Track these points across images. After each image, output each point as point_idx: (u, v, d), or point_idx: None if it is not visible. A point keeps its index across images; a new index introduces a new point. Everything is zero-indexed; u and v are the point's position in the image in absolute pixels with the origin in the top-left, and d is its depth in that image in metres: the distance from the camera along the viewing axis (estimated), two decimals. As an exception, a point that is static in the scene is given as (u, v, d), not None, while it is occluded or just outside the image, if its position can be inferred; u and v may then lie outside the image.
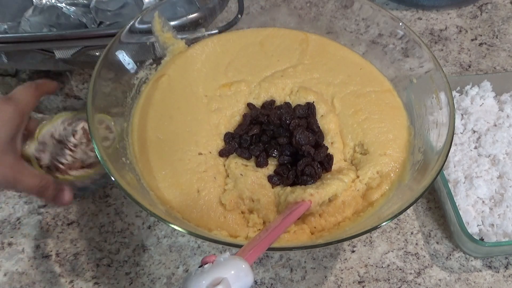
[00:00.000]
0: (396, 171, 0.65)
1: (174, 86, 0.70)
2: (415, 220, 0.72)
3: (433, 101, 0.67)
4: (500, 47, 0.95)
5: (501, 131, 0.76)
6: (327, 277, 0.67)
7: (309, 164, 0.62)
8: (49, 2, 0.78)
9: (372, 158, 0.65)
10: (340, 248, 0.69)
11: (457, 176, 0.72)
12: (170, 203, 0.61)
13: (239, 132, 0.66)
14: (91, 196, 0.72)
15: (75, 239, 0.69)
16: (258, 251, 0.48)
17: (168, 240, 0.69)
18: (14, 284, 0.65)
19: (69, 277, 0.66)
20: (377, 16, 0.74)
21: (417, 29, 0.96)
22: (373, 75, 0.75)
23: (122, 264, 0.67)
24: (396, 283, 0.67)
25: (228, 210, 0.61)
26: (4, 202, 0.71)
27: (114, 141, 0.62)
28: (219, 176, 0.63)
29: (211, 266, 0.41)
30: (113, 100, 0.65)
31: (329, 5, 0.77)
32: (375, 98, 0.71)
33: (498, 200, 0.71)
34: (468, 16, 1.00)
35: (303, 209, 0.58)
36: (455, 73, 0.90)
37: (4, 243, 0.68)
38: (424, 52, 0.70)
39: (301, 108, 0.67)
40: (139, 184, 0.61)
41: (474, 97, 0.80)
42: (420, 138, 0.67)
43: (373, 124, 0.69)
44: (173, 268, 0.67)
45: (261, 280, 0.66)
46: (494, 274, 0.68)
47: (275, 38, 0.77)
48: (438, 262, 0.69)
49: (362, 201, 0.63)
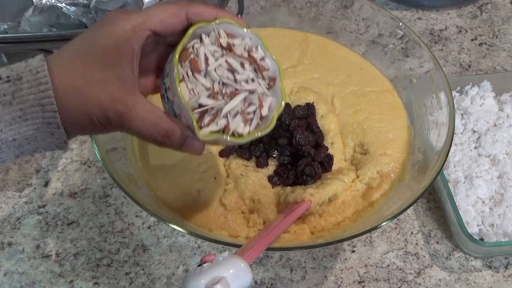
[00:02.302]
0: (396, 171, 0.65)
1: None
2: (415, 220, 0.72)
3: (433, 101, 0.67)
4: (500, 47, 0.95)
5: (501, 131, 0.76)
6: (327, 277, 0.67)
7: (309, 164, 0.62)
8: (49, 2, 0.78)
9: (372, 158, 0.65)
10: (340, 248, 0.69)
11: (457, 176, 0.72)
12: (170, 203, 0.61)
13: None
14: (91, 196, 0.72)
15: (75, 239, 0.69)
16: (257, 251, 0.48)
17: (168, 240, 0.69)
18: (14, 284, 0.65)
19: (69, 277, 0.66)
20: (377, 16, 0.74)
21: (417, 29, 0.96)
22: (373, 75, 0.75)
23: (122, 264, 0.67)
24: (396, 283, 0.67)
25: (228, 210, 0.61)
26: (4, 202, 0.72)
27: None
28: (219, 176, 0.63)
29: (210, 265, 0.41)
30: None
31: (329, 5, 0.77)
32: (375, 98, 0.71)
33: (498, 200, 0.71)
34: (468, 16, 1.00)
35: (303, 209, 0.58)
36: (455, 73, 0.90)
37: (4, 243, 0.68)
38: (424, 52, 0.70)
39: (300, 108, 0.67)
40: (139, 184, 0.61)
41: (474, 97, 0.80)
42: (420, 138, 0.67)
43: (373, 124, 0.69)
44: (173, 268, 0.67)
45: (261, 280, 0.66)
46: (494, 274, 0.68)
47: (275, 38, 0.77)
48: (438, 262, 0.69)
49: (362, 201, 0.63)
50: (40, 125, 0.43)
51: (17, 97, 0.42)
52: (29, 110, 0.42)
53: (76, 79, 0.43)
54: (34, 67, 0.42)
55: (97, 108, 0.44)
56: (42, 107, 0.42)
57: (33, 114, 0.42)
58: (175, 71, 0.44)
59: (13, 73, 0.42)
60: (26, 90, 0.42)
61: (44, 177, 0.74)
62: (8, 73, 0.42)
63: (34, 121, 0.43)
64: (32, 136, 0.44)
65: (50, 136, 0.44)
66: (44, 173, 0.74)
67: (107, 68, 0.44)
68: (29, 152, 0.45)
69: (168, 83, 0.46)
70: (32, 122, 0.43)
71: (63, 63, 0.44)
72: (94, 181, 0.74)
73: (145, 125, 0.45)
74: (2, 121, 0.42)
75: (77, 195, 0.73)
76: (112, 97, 0.43)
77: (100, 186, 0.73)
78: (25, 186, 0.73)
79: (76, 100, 0.43)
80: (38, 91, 0.42)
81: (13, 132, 0.42)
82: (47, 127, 0.43)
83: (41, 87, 0.42)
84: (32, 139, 0.44)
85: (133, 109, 0.44)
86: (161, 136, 0.46)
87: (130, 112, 0.44)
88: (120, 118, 0.44)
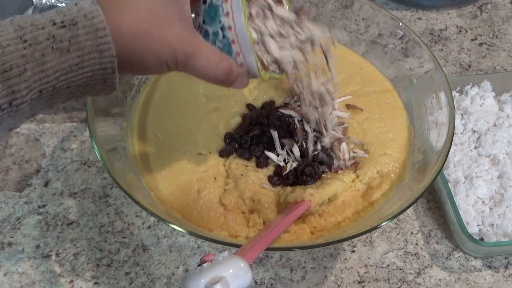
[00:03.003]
0: (396, 171, 0.65)
1: (173, 86, 0.70)
2: (415, 220, 0.72)
3: (433, 101, 0.67)
4: (500, 47, 0.95)
5: (501, 131, 0.76)
6: (327, 277, 0.67)
7: (309, 164, 0.62)
8: (49, 2, 0.78)
9: (372, 158, 0.66)
10: (340, 248, 0.69)
11: (457, 176, 0.72)
12: (170, 203, 0.61)
13: (240, 133, 0.66)
14: (91, 196, 0.72)
15: (75, 239, 0.69)
16: (257, 250, 0.48)
17: (168, 240, 0.69)
18: (14, 284, 0.65)
19: (69, 277, 0.66)
20: (377, 16, 0.74)
21: (417, 29, 0.96)
22: (373, 75, 0.75)
23: (122, 264, 0.67)
24: (396, 283, 0.67)
25: (228, 210, 0.61)
26: (4, 202, 0.72)
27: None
28: (219, 176, 0.63)
29: (210, 265, 0.41)
30: (113, 100, 0.65)
31: (329, 5, 0.77)
32: (375, 98, 0.71)
33: (498, 200, 0.71)
34: (468, 16, 1.00)
35: (303, 209, 0.58)
36: (455, 73, 0.90)
37: (4, 243, 0.68)
38: (424, 52, 0.70)
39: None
40: (139, 184, 0.61)
41: (474, 97, 0.80)
42: (420, 138, 0.67)
43: (373, 124, 0.69)
44: (173, 268, 0.67)
45: (261, 280, 0.66)
46: (494, 274, 0.68)
47: (275, 38, 0.77)
48: (438, 262, 0.69)
49: (362, 201, 0.63)
50: (96, 71, 0.42)
51: (74, 43, 0.40)
52: (87, 57, 0.41)
53: (142, 20, 0.42)
54: (88, 11, 0.41)
55: (168, 49, 0.44)
56: (100, 53, 0.41)
57: (90, 61, 0.41)
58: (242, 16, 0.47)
59: (66, 17, 0.41)
60: (83, 36, 0.41)
61: (44, 177, 0.74)
62: (62, 17, 0.41)
63: (91, 68, 0.42)
64: (85, 83, 0.43)
65: (102, 82, 0.43)
66: (44, 173, 0.74)
67: (169, 6, 0.44)
68: (77, 97, 0.45)
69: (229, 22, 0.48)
70: (89, 70, 0.42)
71: (122, 4, 0.43)
72: (94, 181, 0.74)
73: (209, 64, 0.46)
74: (59, 70, 0.40)
75: (77, 195, 0.73)
76: (180, 38, 0.44)
77: (100, 186, 0.73)
78: (25, 186, 0.73)
79: (146, 42, 0.43)
80: (96, 37, 0.41)
81: (69, 81, 0.41)
82: (102, 73, 0.43)
83: (98, 32, 0.41)
84: (84, 86, 0.43)
85: (199, 49, 0.45)
86: (222, 75, 0.47)
87: (196, 53, 0.45)
88: (187, 59, 0.44)
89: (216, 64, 0.46)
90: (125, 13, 0.42)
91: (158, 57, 0.44)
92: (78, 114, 0.80)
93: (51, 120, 0.79)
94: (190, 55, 0.44)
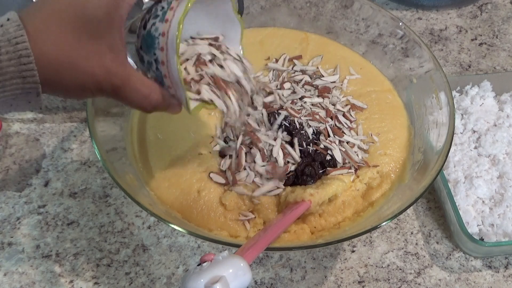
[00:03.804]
0: (396, 171, 0.65)
1: (174, 86, 0.70)
2: (415, 220, 0.72)
3: (433, 101, 0.67)
4: (500, 47, 0.95)
5: (501, 131, 0.76)
6: (327, 277, 0.67)
7: (309, 164, 0.62)
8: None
9: (372, 158, 0.66)
10: (340, 248, 0.69)
11: (457, 176, 0.72)
12: (170, 203, 0.61)
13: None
14: (91, 196, 0.72)
15: (75, 239, 0.69)
16: (257, 250, 0.48)
17: (168, 240, 0.69)
18: (14, 284, 0.65)
19: (69, 277, 0.66)
20: (377, 16, 0.74)
21: (417, 29, 0.96)
22: (373, 75, 0.75)
23: (122, 264, 0.67)
24: (396, 283, 0.67)
25: (228, 210, 0.61)
26: (4, 202, 0.72)
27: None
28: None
29: (210, 265, 0.41)
30: (113, 100, 0.65)
31: (329, 5, 0.77)
32: (375, 98, 0.71)
33: (498, 200, 0.71)
34: (468, 16, 1.00)
35: (303, 209, 0.58)
36: (455, 73, 0.90)
37: (4, 243, 0.68)
38: (424, 52, 0.70)
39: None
40: (139, 184, 0.61)
41: (474, 97, 0.80)
42: (420, 138, 0.67)
43: (373, 123, 0.69)
44: (173, 268, 0.67)
45: (261, 280, 0.66)
46: (494, 274, 0.68)
47: (275, 37, 0.77)
48: (438, 262, 0.69)
49: (362, 201, 0.63)
50: (19, 95, 0.42)
51: None
52: (8, 82, 0.41)
53: (68, 51, 0.42)
54: (12, 36, 0.40)
55: (92, 80, 0.44)
56: (23, 79, 0.41)
57: (12, 86, 0.41)
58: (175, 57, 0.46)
59: None
60: (6, 62, 0.40)
61: (44, 177, 0.74)
62: None
63: (13, 92, 0.42)
64: (8, 103, 0.43)
65: (26, 103, 0.44)
66: (44, 173, 0.74)
67: (98, 38, 0.43)
68: (3, 112, 0.45)
69: (162, 57, 0.47)
70: (11, 94, 0.42)
71: (49, 33, 0.42)
72: (94, 181, 0.74)
73: (137, 96, 0.46)
74: None
75: (77, 195, 0.73)
76: (107, 71, 0.44)
77: (100, 186, 0.73)
78: (25, 186, 0.73)
79: (70, 72, 0.43)
80: (19, 63, 0.40)
81: None
82: (25, 96, 0.43)
83: (22, 59, 0.40)
84: (7, 104, 0.43)
85: (127, 82, 0.45)
86: (150, 106, 0.48)
87: (124, 85, 0.45)
88: (114, 90, 0.45)
89: (145, 96, 0.47)
90: (51, 41, 0.42)
91: (83, 86, 0.44)
92: (78, 114, 0.80)
93: (51, 120, 0.79)
94: (117, 87, 0.45)
